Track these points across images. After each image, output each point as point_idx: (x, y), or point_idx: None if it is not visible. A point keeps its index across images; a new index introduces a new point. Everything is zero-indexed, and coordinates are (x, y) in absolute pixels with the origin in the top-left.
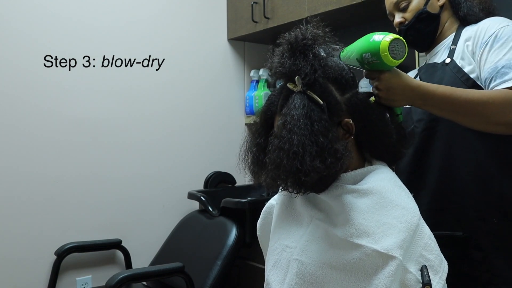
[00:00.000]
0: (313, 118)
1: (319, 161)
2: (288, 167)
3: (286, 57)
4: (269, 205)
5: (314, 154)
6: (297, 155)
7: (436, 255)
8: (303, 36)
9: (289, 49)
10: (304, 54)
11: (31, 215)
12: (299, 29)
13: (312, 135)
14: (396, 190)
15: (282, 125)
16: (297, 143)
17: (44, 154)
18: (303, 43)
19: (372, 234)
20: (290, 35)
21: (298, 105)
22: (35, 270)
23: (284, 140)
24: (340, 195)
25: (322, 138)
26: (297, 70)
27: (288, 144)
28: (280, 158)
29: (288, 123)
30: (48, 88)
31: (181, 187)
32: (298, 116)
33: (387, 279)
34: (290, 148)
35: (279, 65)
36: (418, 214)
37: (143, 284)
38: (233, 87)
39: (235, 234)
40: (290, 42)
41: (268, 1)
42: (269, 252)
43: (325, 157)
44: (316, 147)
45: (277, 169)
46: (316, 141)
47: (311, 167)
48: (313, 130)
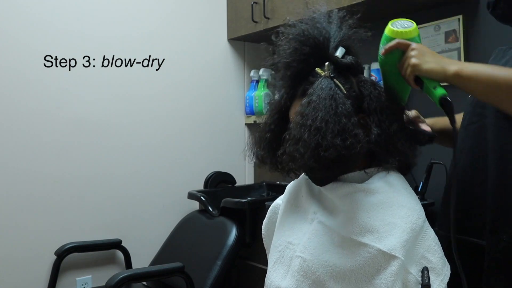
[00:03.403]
0: (338, 101)
1: (340, 139)
2: (308, 141)
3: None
4: (275, 205)
5: (336, 132)
6: (319, 131)
7: (439, 258)
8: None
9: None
10: (336, 23)
11: (31, 215)
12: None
13: (336, 115)
14: (403, 191)
15: (306, 104)
16: (321, 119)
17: (44, 154)
18: (338, 16)
19: (376, 233)
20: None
21: (325, 86)
22: (35, 270)
23: (307, 117)
24: (346, 193)
25: (345, 119)
26: (329, 37)
27: (311, 120)
28: (301, 133)
29: (314, 101)
30: (48, 88)
31: (181, 187)
32: (324, 95)
33: (389, 279)
34: (313, 124)
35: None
36: (423, 216)
37: (143, 284)
38: (233, 87)
39: (235, 234)
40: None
41: (268, 1)
42: (272, 248)
43: (346, 137)
44: (339, 126)
45: (296, 143)
46: (339, 121)
47: (331, 143)
48: (337, 111)
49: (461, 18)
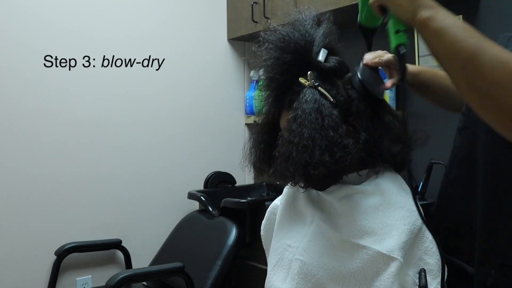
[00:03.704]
0: (324, 113)
1: (328, 155)
2: (297, 160)
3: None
4: (274, 206)
5: (324, 148)
6: (306, 149)
7: (436, 260)
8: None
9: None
10: (318, 25)
11: (31, 215)
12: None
13: (323, 130)
14: (401, 192)
15: (292, 119)
16: (307, 137)
17: (44, 154)
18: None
19: (375, 235)
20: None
21: (310, 99)
22: (35, 270)
23: (294, 134)
24: (344, 195)
25: (332, 133)
26: (312, 41)
27: (298, 137)
28: (289, 151)
29: (299, 117)
30: (48, 88)
31: (181, 187)
32: (309, 110)
33: (387, 281)
34: (300, 142)
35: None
36: (422, 218)
37: (143, 284)
38: (233, 87)
39: (235, 234)
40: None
41: (268, 1)
42: (272, 251)
43: (334, 151)
44: (326, 141)
45: (285, 162)
46: (326, 135)
47: (320, 161)
48: (323, 125)
49: (461, 18)
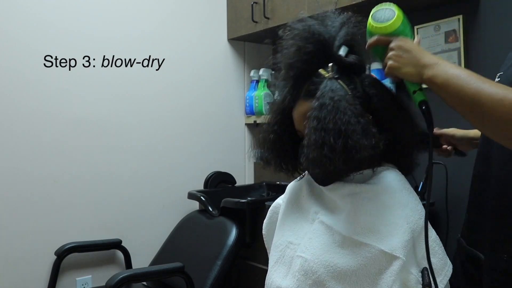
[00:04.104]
0: (350, 101)
1: (365, 139)
2: (335, 145)
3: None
4: (276, 204)
5: (361, 132)
6: (346, 133)
7: (439, 258)
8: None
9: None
10: (344, 24)
11: (31, 215)
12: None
13: (354, 116)
14: (405, 191)
15: (319, 107)
16: (342, 122)
17: (44, 154)
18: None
19: (378, 233)
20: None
21: (335, 88)
22: (35, 270)
23: (326, 121)
24: (348, 193)
25: (362, 120)
26: (335, 36)
27: (332, 123)
28: (323, 138)
29: (328, 104)
30: (48, 88)
31: (181, 187)
32: (338, 98)
33: (389, 279)
34: (335, 127)
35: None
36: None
37: (143, 284)
38: (233, 87)
39: (235, 234)
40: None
41: (268, 1)
42: (273, 247)
43: (369, 136)
44: (360, 126)
45: (320, 148)
46: (358, 121)
47: (360, 145)
48: (353, 111)
49: (461, 18)
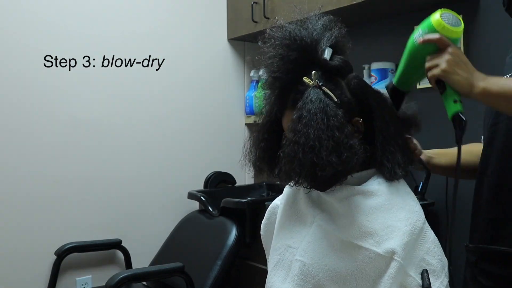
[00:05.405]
0: (329, 113)
1: (335, 155)
2: (303, 160)
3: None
4: (274, 205)
5: (331, 148)
6: (313, 149)
7: (438, 260)
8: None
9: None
10: (326, 26)
11: (31, 215)
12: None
13: (328, 130)
14: (402, 192)
15: (297, 119)
16: (314, 137)
17: (44, 154)
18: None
19: (376, 236)
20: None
21: (315, 99)
22: (35, 270)
23: (299, 134)
24: (345, 196)
25: (338, 133)
26: (318, 39)
27: (304, 138)
28: (295, 152)
29: (304, 117)
30: (48, 88)
31: (181, 187)
32: (314, 110)
33: (387, 282)
34: (306, 142)
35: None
36: (423, 218)
37: (143, 284)
38: (233, 87)
39: (235, 234)
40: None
41: (268, 1)
42: (272, 251)
43: (341, 152)
44: (333, 141)
45: (291, 162)
46: (332, 136)
47: (327, 162)
48: (329, 125)
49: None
